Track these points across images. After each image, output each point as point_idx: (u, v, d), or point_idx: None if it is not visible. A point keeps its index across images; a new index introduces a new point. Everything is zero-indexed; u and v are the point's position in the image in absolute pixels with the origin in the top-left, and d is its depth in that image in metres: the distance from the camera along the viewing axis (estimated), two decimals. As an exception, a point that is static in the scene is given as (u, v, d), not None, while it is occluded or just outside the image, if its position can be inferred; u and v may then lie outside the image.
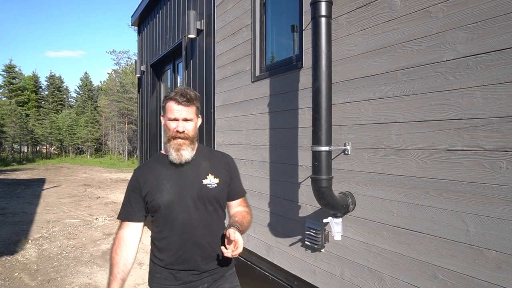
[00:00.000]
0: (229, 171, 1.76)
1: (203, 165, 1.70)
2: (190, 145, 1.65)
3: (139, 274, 4.42)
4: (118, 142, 31.64)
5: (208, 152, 1.79)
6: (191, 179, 1.66)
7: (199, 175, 1.67)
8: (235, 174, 1.80)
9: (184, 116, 1.62)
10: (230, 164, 1.79)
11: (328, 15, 2.14)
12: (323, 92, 2.11)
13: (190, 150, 1.65)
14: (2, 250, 5.29)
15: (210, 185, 1.67)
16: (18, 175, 17.26)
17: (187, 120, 1.63)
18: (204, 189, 1.65)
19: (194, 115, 1.66)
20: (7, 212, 8.14)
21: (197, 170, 1.68)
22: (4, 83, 37.23)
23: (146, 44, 6.99)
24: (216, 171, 1.71)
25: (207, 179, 1.67)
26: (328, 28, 2.13)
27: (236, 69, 3.64)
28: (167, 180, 1.64)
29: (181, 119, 1.62)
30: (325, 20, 2.13)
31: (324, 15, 2.11)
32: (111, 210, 8.53)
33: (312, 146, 2.15)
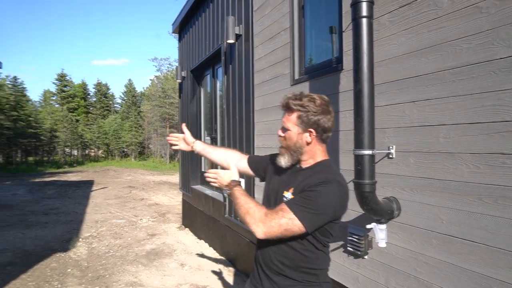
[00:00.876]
0: (305, 189, 1.45)
1: (298, 178, 1.55)
2: (287, 154, 1.55)
3: (181, 275, 4.54)
4: (160, 145, 32.77)
5: (317, 170, 1.53)
6: (282, 184, 1.61)
7: (287, 184, 1.58)
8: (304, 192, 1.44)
9: (282, 124, 1.56)
10: (312, 184, 1.44)
11: (370, 15, 2.09)
12: (365, 94, 2.06)
13: (287, 158, 1.56)
14: (57, 247, 5.65)
15: (285, 199, 1.54)
16: (69, 177, 18.38)
17: (284, 128, 1.55)
18: (280, 199, 1.56)
19: (292, 125, 1.51)
20: (60, 212, 8.69)
21: (291, 180, 1.58)
22: (57, 91, 39.87)
23: (186, 50, 7.19)
24: (298, 189, 1.51)
25: (287, 192, 1.55)
26: (369, 28, 2.08)
27: (275, 72, 3.65)
28: (274, 176, 1.69)
29: (281, 126, 1.57)
30: (367, 21, 2.08)
31: (366, 16, 2.06)
32: (154, 212, 8.84)
33: (354, 149, 2.10)
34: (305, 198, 1.40)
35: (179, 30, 7.72)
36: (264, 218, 1.41)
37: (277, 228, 1.39)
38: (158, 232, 6.75)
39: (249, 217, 1.44)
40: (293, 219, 1.38)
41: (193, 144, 2.02)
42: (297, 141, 1.52)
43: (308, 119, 1.48)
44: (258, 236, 1.42)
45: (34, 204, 9.81)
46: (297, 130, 1.51)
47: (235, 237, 4.82)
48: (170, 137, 2.07)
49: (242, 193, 1.55)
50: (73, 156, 34.78)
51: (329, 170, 1.53)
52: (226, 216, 5.00)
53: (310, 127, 1.50)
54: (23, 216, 8.12)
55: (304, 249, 1.49)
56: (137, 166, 27.24)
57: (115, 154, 36.51)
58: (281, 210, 1.41)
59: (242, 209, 1.48)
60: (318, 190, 1.41)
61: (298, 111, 1.50)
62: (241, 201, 1.51)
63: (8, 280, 4.28)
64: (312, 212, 1.38)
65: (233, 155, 1.96)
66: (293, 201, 1.43)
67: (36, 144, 28.99)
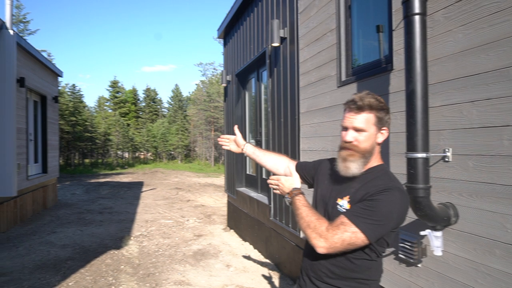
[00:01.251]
0: (365, 198, 1.39)
1: (353, 184, 1.47)
2: (360, 158, 1.44)
3: (227, 276, 4.61)
4: (205, 148, 33.59)
5: (374, 176, 1.46)
6: (334, 191, 1.54)
7: (341, 192, 1.50)
8: (364, 202, 1.37)
9: (354, 124, 1.43)
10: (373, 192, 1.38)
11: (423, 12, 2.00)
12: (418, 94, 1.97)
13: (359, 164, 1.43)
14: (111, 245, 5.97)
15: (340, 207, 1.47)
16: (121, 178, 19.38)
17: (358, 130, 1.43)
18: (332, 207, 1.50)
19: (368, 125, 1.42)
20: (113, 211, 9.19)
21: (344, 186, 1.50)
22: (110, 97, 42.28)
23: (231, 55, 7.32)
24: (355, 197, 1.43)
25: (341, 200, 1.47)
26: (422, 26, 1.99)
27: (321, 74, 3.61)
28: (324, 182, 1.64)
29: (351, 128, 1.44)
30: (419, 18, 1.99)
31: (418, 13, 1.98)
32: (200, 213, 9.06)
33: (406, 152, 2.01)
34: (366, 208, 1.34)
35: (224, 36, 7.89)
36: (326, 233, 1.34)
37: (340, 244, 1.33)
38: (204, 233, 6.91)
39: (310, 231, 1.38)
40: (356, 233, 1.31)
41: (243, 146, 2.02)
42: (373, 142, 1.45)
43: (383, 118, 1.45)
44: (319, 252, 1.36)
45: (90, 204, 10.46)
46: (374, 131, 1.44)
47: (280, 240, 4.81)
48: (221, 138, 2.10)
49: (304, 203, 1.49)
50: (124, 158, 36.66)
51: (387, 176, 1.46)
52: (271, 219, 5.01)
53: (384, 126, 1.47)
54: (81, 215, 8.69)
55: (357, 258, 1.43)
56: (183, 168, 28.12)
57: (163, 157, 37.95)
58: (342, 223, 1.34)
59: (303, 222, 1.42)
60: (379, 199, 1.34)
61: (376, 110, 1.43)
62: (302, 213, 1.45)
63: (69, 274, 4.60)
64: (375, 223, 1.32)
65: (282, 160, 1.93)
66: (354, 213, 1.36)
67: (91, 147, 30.93)
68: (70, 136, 26.97)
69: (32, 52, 8.17)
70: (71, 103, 28.08)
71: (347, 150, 1.45)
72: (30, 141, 8.63)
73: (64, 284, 4.29)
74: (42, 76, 9.34)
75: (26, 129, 8.05)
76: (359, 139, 1.43)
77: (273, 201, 4.99)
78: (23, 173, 7.74)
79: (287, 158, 1.96)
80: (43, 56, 9.18)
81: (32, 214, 8.51)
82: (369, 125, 1.43)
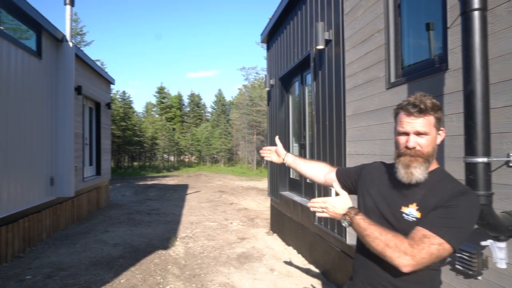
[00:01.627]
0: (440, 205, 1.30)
1: (417, 190, 1.39)
2: (424, 163, 1.37)
3: (271, 280, 4.59)
4: (247, 152, 33.92)
5: (439, 179, 1.39)
6: (394, 199, 1.45)
7: (404, 198, 1.42)
8: (444, 207, 1.29)
9: (417, 128, 1.36)
10: (449, 197, 1.30)
11: (483, 7, 1.87)
12: (478, 95, 1.85)
13: (423, 169, 1.36)
14: (159, 245, 6.20)
15: (407, 216, 1.37)
16: (167, 181, 20.09)
17: (421, 133, 1.36)
18: (395, 216, 1.42)
19: (430, 128, 1.36)
20: (160, 213, 9.54)
21: (405, 193, 1.42)
22: (157, 102, 44.08)
23: (274, 59, 7.34)
24: (426, 205, 1.35)
25: (406, 208, 1.39)
26: (482, 22, 1.87)
27: (368, 76, 3.51)
28: (373, 189, 1.55)
29: (412, 133, 1.37)
30: (479, 14, 1.87)
31: (478, 8, 1.86)
32: (243, 216, 9.14)
33: (465, 157, 1.89)
34: (445, 216, 1.26)
35: (267, 40, 7.94)
36: (412, 250, 1.24)
37: (428, 258, 1.24)
38: (247, 236, 6.95)
39: (390, 250, 1.26)
40: (442, 244, 1.24)
41: (284, 156, 2.03)
42: (435, 145, 1.40)
43: (442, 118, 1.41)
44: (405, 271, 1.25)
45: (139, 205, 10.94)
46: (435, 133, 1.39)
47: (325, 245, 4.72)
48: (263, 150, 2.13)
49: (370, 222, 1.37)
50: (170, 161, 37.99)
51: (453, 179, 1.40)
52: (316, 224, 4.93)
53: (442, 126, 1.42)
54: (131, 215, 9.11)
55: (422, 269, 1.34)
56: (226, 172, 28.57)
57: (206, 160, 38.84)
58: (425, 236, 1.25)
59: (379, 242, 1.29)
60: (457, 204, 1.27)
61: (436, 111, 1.38)
62: (374, 232, 1.32)
63: (121, 272, 4.83)
64: (458, 231, 1.26)
65: (323, 168, 1.90)
66: (433, 222, 1.27)
67: (140, 150, 32.40)
68: (120, 140, 28.47)
69: (88, 62, 8.74)
70: (121, 109, 29.67)
71: (410, 157, 1.38)
72: (86, 145, 9.22)
73: (116, 281, 4.50)
74: (97, 84, 9.95)
75: (83, 134, 8.61)
76: (421, 143, 1.37)
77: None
78: (80, 175, 8.27)
79: (327, 165, 1.92)
80: (97, 66, 9.79)
81: (87, 214, 9.05)
82: (430, 128, 1.37)
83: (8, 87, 5.33)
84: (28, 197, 5.93)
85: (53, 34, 6.67)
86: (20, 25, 5.94)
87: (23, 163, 5.77)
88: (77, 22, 25.68)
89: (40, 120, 6.37)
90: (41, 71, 6.41)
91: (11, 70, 5.41)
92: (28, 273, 4.72)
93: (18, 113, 5.63)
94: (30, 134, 6.00)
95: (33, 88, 6.12)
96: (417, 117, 1.36)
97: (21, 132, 5.72)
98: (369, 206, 1.55)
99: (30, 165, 6.01)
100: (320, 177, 1.88)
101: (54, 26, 6.69)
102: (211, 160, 38.92)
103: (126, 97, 32.99)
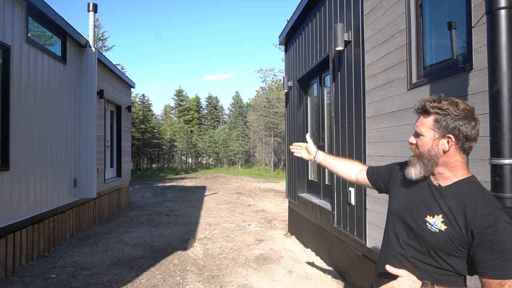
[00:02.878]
0: (474, 235, 1.25)
1: (443, 201, 1.36)
2: (419, 163, 1.40)
3: (289, 282, 4.58)
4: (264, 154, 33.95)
5: (468, 191, 1.34)
6: (418, 205, 1.43)
7: (428, 207, 1.39)
8: (489, 245, 1.22)
9: (415, 128, 1.43)
10: (484, 229, 1.23)
11: (509, 5, 1.83)
12: (505, 95, 1.80)
13: (418, 168, 1.40)
14: (178, 246, 6.27)
15: (430, 226, 1.35)
16: (185, 183, 20.31)
17: (417, 133, 1.42)
18: (418, 224, 1.39)
19: (425, 129, 1.38)
20: (179, 214, 9.65)
21: (431, 201, 1.40)
22: (175, 105, 44.72)
23: (293, 60, 7.34)
24: (450, 218, 1.32)
25: (431, 218, 1.36)
26: (510, 20, 1.82)
27: (389, 77, 3.47)
28: (402, 191, 1.53)
29: (414, 131, 1.44)
30: (506, 12, 1.82)
31: (505, 6, 1.81)
32: (261, 218, 9.15)
33: (490, 158, 1.85)
34: (498, 257, 1.22)
35: (285, 42, 7.94)
36: None
37: None
38: (265, 238, 6.96)
39: None
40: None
41: (315, 153, 2.01)
42: (432, 148, 1.36)
43: (447, 123, 1.33)
44: None
45: (158, 206, 11.10)
46: (432, 136, 1.36)
47: (344, 248, 4.68)
48: (293, 146, 2.10)
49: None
50: (188, 163, 38.41)
51: (483, 193, 1.33)
52: (335, 226, 4.90)
53: (450, 133, 1.33)
54: (150, 216, 9.25)
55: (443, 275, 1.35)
56: (243, 174, 28.66)
57: (224, 162, 39.08)
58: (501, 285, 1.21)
59: None
60: (499, 238, 1.22)
61: (435, 114, 1.35)
62: None
63: (141, 272, 4.91)
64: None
65: (355, 166, 1.89)
66: (496, 267, 1.22)
67: (158, 152, 32.89)
68: (139, 143, 28.98)
69: (109, 67, 8.96)
70: (140, 111, 30.21)
71: (413, 156, 1.46)
72: (107, 148, 9.43)
73: (137, 280, 4.59)
74: (118, 88, 10.17)
75: (104, 136, 8.81)
76: (416, 143, 1.42)
77: (336, 207, 4.88)
78: (101, 177, 8.47)
79: (359, 163, 1.91)
80: (118, 70, 10.02)
81: (108, 215, 9.25)
82: (426, 130, 1.38)
83: (35, 92, 5.52)
84: (52, 198, 6.12)
85: (77, 40, 6.88)
86: (45, 32, 6.15)
87: (48, 165, 5.95)
88: (99, 28, 26.35)
89: (64, 123, 6.56)
90: (65, 76, 6.61)
91: (38, 75, 5.61)
92: (53, 272, 4.86)
93: (44, 117, 5.82)
94: (55, 137, 6.19)
95: (58, 93, 6.32)
96: (418, 117, 1.42)
97: (47, 136, 5.91)
98: (394, 209, 1.54)
99: (55, 167, 6.20)
100: (351, 176, 1.88)
101: (78, 32, 6.90)
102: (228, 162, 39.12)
103: (145, 100, 33.60)
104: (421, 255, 1.38)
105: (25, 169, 5.23)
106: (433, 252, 1.35)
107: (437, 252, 1.34)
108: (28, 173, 5.30)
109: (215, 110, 49.32)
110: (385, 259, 1.50)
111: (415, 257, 1.39)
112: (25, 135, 5.24)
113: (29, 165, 5.34)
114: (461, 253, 1.31)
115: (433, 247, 1.34)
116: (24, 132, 5.20)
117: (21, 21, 5.15)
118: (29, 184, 5.34)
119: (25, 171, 5.23)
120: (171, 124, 37.98)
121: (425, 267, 1.37)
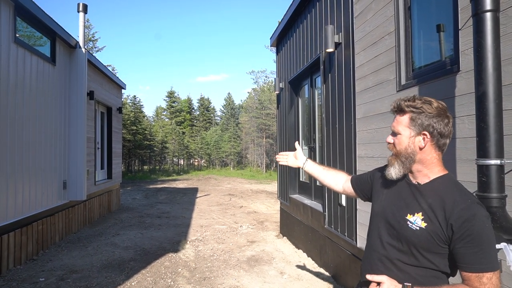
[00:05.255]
0: (454, 230, 1.28)
1: (422, 199, 1.39)
2: (398, 161, 1.43)
3: (281, 283, 4.58)
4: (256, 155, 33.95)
5: (446, 188, 1.37)
6: (399, 204, 1.46)
7: (410, 206, 1.42)
8: (468, 239, 1.26)
9: (392, 128, 1.46)
10: (463, 223, 1.27)
11: (495, 8, 1.86)
12: (490, 97, 1.83)
13: (397, 167, 1.43)
14: (169, 248, 6.23)
15: (411, 224, 1.38)
16: (177, 184, 20.20)
17: (395, 133, 1.44)
18: (399, 223, 1.42)
19: (403, 128, 1.40)
20: (171, 216, 9.59)
21: (411, 199, 1.43)
22: (167, 106, 44.47)
23: (284, 62, 7.36)
24: (430, 215, 1.35)
25: (412, 216, 1.39)
26: (495, 23, 1.85)
27: (378, 79, 3.50)
28: (383, 192, 1.57)
29: (391, 131, 1.47)
30: (491, 15, 1.85)
31: (490, 10, 1.85)
32: (253, 219, 9.14)
33: (477, 159, 1.88)
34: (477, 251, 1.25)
35: (276, 44, 7.97)
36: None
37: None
38: (257, 239, 6.95)
39: None
40: (494, 274, 1.26)
41: (304, 162, 2.01)
42: (409, 145, 1.39)
43: (422, 121, 1.36)
44: None
45: (149, 208, 11.01)
46: (408, 134, 1.39)
47: (335, 249, 4.70)
48: (279, 155, 2.12)
49: None
50: (179, 165, 38.21)
51: (460, 188, 1.37)
52: (326, 227, 4.91)
53: (425, 130, 1.36)
54: (141, 218, 9.18)
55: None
56: (235, 175, 28.61)
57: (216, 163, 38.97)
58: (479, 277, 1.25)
59: None
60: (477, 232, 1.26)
61: (411, 112, 1.38)
62: None
63: (132, 274, 4.87)
64: (494, 254, 1.27)
65: (341, 177, 1.91)
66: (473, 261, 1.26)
67: (150, 154, 32.67)
68: (131, 144, 28.75)
69: (100, 68, 8.88)
70: (132, 113, 29.99)
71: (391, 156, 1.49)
72: (97, 149, 9.34)
73: (127, 283, 4.54)
74: (108, 89, 10.09)
75: (94, 138, 8.73)
76: (394, 142, 1.45)
77: (327, 208, 4.90)
78: (92, 179, 8.38)
79: (345, 174, 1.93)
80: (109, 71, 9.93)
81: (99, 217, 9.16)
82: (403, 128, 1.41)
83: (23, 93, 5.45)
84: (41, 200, 6.04)
85: (66, 40, 6.80)
86: (35, 32, 6.08)
87: (37, 167, 5.87)
88: (89, 29, 26.12)
89: (53, 124, 6.48)
90: (55, 77, 6.53)
91: (26, 76, 5.54)
92: (41, 276, 4.79)
93: (33, 118, 5.74)
94: (44, 139, 6.11)
95: (47, 94, 6.24)
96: (395, 117, 1.45)
97: (36, 137, 5.83)
98: (377, 211, 1.56)
99: (44, 169, 6.12)
100: (338, 186, 1.91)
101: (68, 33, 6.83)
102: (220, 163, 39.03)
103: (136, 102, 33.37)
104: (403, 255, 1.40)
105: (13, 171, 5.15)
106: (415, 250, 1.36)
107: (419, 250, 1.35)
108: (15, 175, 5.22)
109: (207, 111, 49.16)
110: (369, 261, 1.53)
111: (398, 258, 1.41)
112: (13, 136, 5.16)
113: (17, 166, 5.26)
114: (442, 250, 1.33)
115: (415, 245, 1.36)
116: (11, 133, 5.12)
117: (8, 21, 5.08)
118: (17, 186, 5.26)
119: (13, 173, 5.15)
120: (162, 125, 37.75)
121: (408, 268, 1.39)
